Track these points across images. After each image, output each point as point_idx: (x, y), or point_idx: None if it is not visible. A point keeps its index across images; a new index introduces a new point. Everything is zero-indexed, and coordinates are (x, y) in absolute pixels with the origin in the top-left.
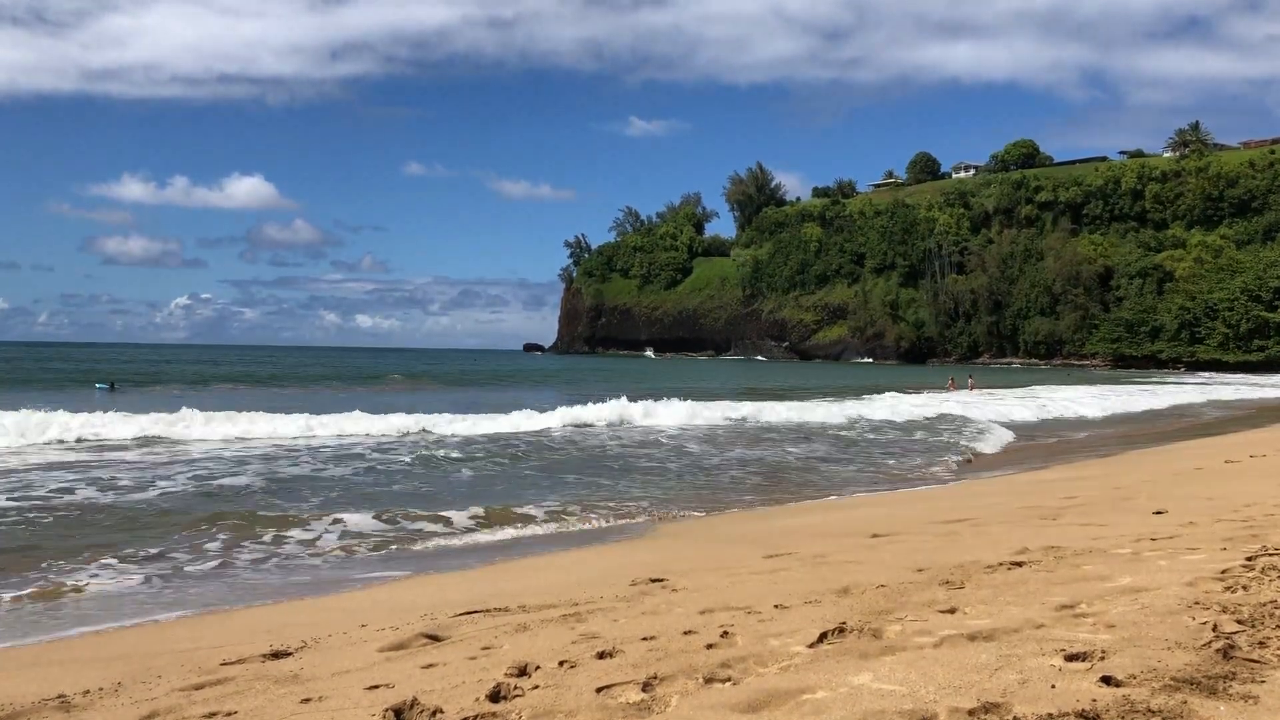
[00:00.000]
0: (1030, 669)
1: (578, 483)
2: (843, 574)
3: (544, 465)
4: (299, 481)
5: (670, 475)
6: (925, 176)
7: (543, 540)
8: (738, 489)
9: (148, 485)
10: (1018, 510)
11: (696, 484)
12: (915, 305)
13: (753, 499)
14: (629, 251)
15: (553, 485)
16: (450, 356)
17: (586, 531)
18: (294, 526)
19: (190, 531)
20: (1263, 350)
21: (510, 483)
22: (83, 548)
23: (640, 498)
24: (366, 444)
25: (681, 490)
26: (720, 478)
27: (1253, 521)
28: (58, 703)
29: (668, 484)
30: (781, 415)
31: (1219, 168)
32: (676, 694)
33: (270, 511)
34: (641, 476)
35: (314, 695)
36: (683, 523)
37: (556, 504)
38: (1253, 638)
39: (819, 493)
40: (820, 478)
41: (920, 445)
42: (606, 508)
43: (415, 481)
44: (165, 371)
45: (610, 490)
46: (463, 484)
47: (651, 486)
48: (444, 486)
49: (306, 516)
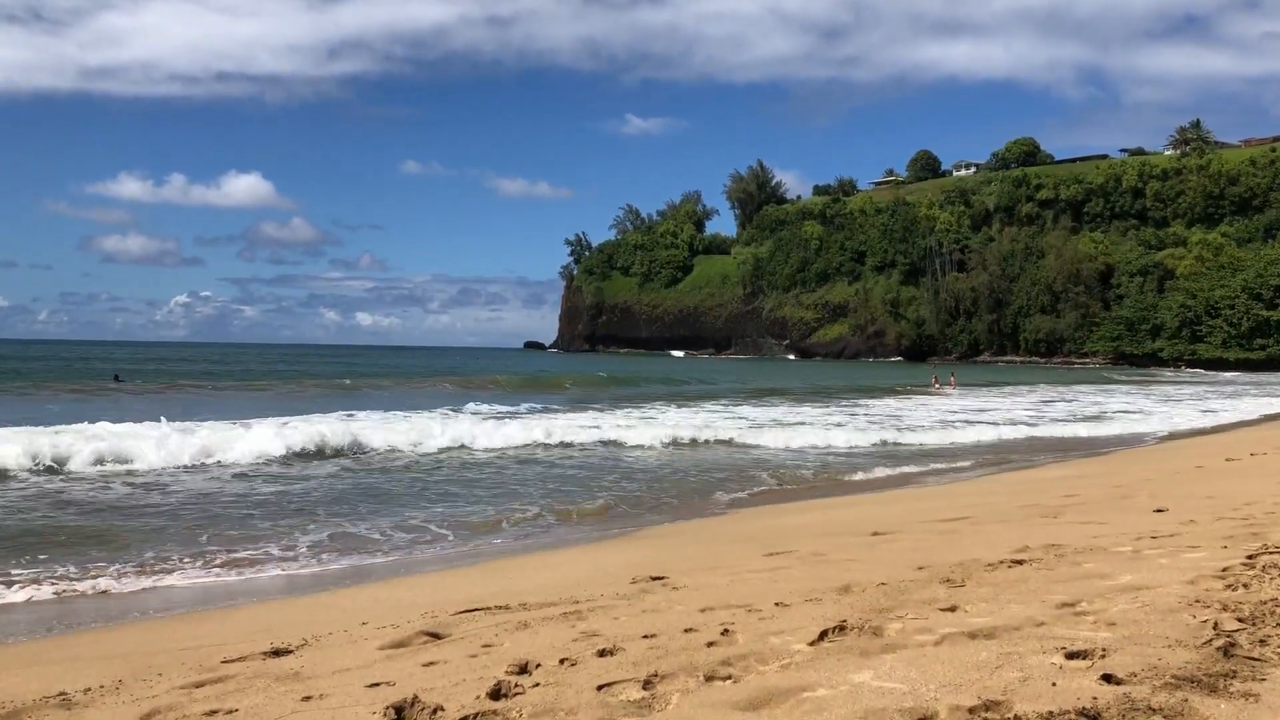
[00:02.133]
0: (1031, 667)
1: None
2: (843, 572)
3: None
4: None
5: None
6: (926, 174)
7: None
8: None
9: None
10: (1018, 508)
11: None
12: (916, 303)
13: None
14: (630, 249)
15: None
16: (457, 355)
17: (587, 529)
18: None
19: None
20: (1264, 349)
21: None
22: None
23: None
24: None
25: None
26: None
27: (1253, 520)
28: (59, 700)
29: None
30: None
31: (1220, 166)
32: (677, 692)
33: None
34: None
35: (315, 693)
36: (683, 522)
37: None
38: (1253, 636)
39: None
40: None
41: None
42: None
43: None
44: (228, 371)
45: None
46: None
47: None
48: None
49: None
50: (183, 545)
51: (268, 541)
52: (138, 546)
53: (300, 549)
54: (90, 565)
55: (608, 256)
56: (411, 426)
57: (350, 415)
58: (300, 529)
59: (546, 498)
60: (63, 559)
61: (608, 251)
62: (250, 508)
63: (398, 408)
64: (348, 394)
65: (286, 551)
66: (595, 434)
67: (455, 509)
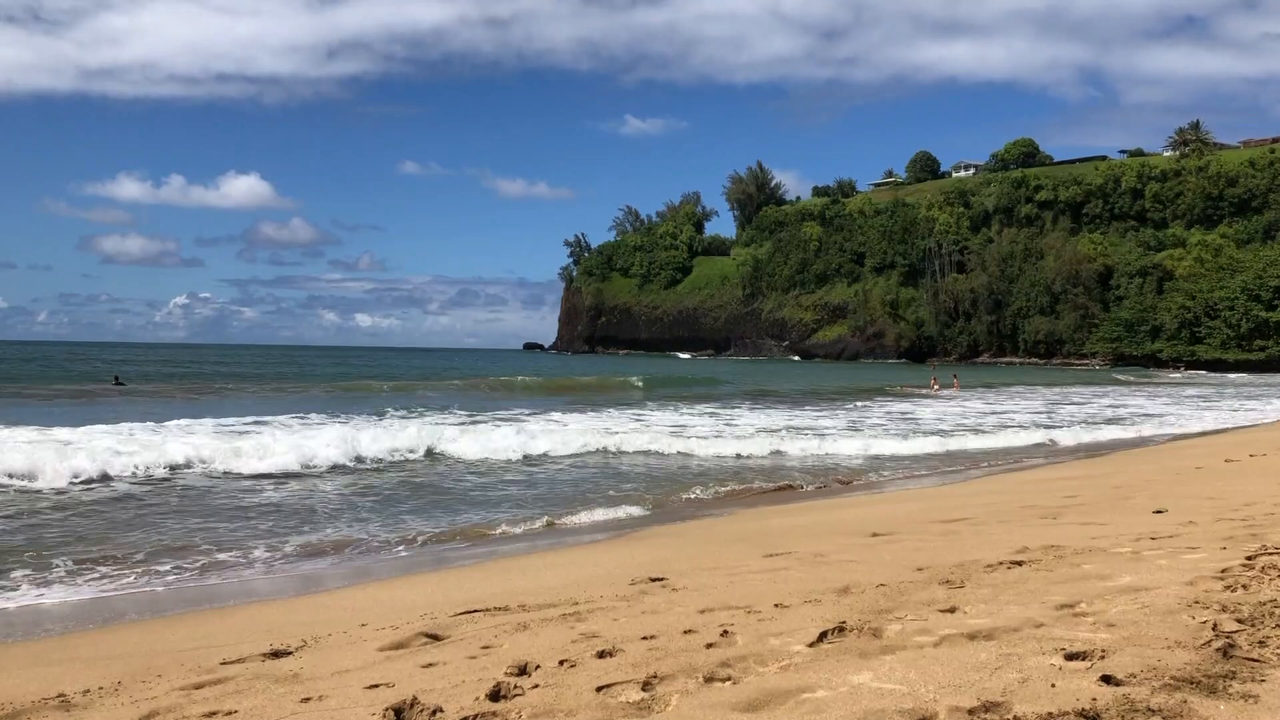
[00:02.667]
0: (1030, 668)
1: None
2: (842, 573)
3: None
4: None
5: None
6: (925, 175)
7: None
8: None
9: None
10: (1017, 509)
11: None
12: (915, 304)
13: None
14: (629, 250)
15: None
16: (462, 356)
17: (586, 531)
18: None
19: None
20: (1263, 350)
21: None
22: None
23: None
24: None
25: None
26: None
27: (1253, 520)
28: (58, 702)
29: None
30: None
31: (1219, 167)
32: (676, 693)
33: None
34: None
35: (314, 694)
36: (681, 523)
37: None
38: (1253, 637)
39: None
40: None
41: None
42: None
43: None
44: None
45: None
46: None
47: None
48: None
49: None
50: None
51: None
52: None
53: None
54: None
55: (607, 258)
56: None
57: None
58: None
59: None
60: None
61: (607, 253)
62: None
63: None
64: (405, 394)
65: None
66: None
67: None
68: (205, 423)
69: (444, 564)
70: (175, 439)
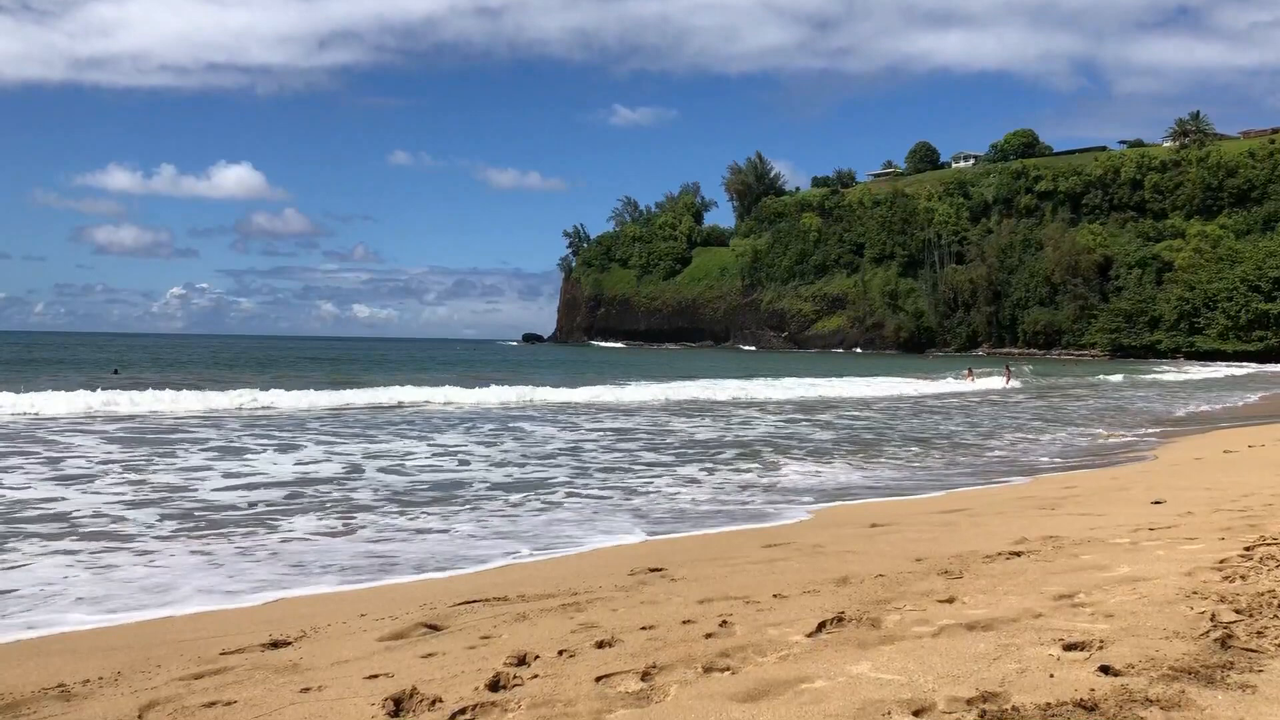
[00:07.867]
0: (1029, 658)
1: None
2: (841, 564)
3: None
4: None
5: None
6: (925, 166)
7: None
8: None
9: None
10: (1015, 500)
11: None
12: (914, 295)
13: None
14: (628, 241)
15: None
16: (466, 347)
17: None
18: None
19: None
20: (1262, 340)
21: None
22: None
23: None
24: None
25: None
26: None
27: (1251, 511)
28: (58, 692)
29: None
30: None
31: (1218, 158)
32: (675, 683)
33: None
34: None
35: (313, 685)
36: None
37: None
38: (1250, 627)
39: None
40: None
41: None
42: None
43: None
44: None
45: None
46: None
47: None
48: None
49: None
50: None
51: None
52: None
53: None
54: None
55: (606, 248)
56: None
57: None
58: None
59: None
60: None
61: (606, 243)
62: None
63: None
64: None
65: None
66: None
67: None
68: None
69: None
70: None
